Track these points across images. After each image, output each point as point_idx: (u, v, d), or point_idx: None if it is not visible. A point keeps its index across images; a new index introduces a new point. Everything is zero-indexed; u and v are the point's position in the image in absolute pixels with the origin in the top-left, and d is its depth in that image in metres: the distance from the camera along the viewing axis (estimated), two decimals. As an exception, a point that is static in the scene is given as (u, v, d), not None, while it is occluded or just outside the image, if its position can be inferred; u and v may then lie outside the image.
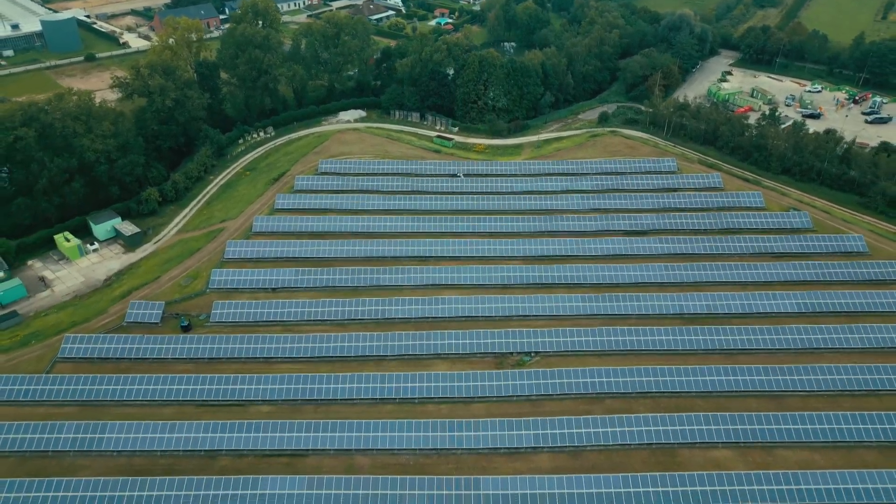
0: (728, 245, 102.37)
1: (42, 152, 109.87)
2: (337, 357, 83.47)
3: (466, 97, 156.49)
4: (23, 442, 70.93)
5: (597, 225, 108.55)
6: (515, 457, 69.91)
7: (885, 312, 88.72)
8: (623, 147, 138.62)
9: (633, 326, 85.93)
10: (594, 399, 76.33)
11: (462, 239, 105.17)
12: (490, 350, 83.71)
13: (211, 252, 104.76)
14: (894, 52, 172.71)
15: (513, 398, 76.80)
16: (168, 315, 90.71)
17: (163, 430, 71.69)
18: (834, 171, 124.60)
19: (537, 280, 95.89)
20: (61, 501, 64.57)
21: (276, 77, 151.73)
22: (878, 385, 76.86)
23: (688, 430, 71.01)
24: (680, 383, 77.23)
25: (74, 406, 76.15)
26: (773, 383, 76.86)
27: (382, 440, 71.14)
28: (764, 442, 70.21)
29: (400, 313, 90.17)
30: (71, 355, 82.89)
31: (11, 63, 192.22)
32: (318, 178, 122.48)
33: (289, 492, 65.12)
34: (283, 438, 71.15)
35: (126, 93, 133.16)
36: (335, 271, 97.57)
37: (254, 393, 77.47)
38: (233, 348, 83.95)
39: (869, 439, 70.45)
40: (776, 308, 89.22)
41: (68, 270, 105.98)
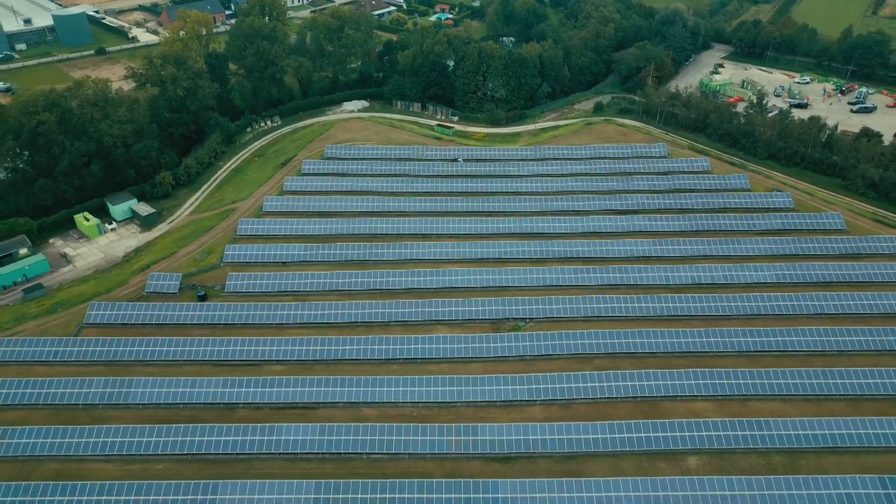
0: (713, 223, 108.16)
1: (63, 136, 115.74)
2: (344, 323, 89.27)
3: (466, 88, 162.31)
4: (55, 396, 76.77)
5: (589, 205, 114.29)
6: (510, 409, 75.70)
7: (859, 282, 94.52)
8: (616, 134, 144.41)
9: (622, 295, 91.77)
10: (584, 359, 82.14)
11: (461, 218, 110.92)
12: (487, 317, 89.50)
13: (223, 230, 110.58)
14: (880, 44, 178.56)
15: (508, 358, 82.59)
16: (185, 286, 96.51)
17: (184, 385, 77.52)
18: (817, 155, 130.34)
19: (532, 255, 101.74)
20: (93, 447, 70.39)
21: (282, 68, 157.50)
22: (849, 346, 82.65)
23: (670, 384, 76.81)
24: (663, 344, 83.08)
25: (101, 365, 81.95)
26: (750, 344, 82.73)
27: (387, 394, 76.95)
28: (739, 395, 76.00)
29: (403, 284, 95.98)
30: (96, 321, 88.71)
31: (25, 56, 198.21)
32: (324, 163, 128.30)
33: (302, 438, 70.95)
34: (296, 392, 76.96)
35: (140, 82, 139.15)
36: (342, 247, 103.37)
37: (267, 354, 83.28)
38: (247, 315, 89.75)
39: (837, 393, 76.21)
40: (756, 279, 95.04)
41: (88, 248, 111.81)
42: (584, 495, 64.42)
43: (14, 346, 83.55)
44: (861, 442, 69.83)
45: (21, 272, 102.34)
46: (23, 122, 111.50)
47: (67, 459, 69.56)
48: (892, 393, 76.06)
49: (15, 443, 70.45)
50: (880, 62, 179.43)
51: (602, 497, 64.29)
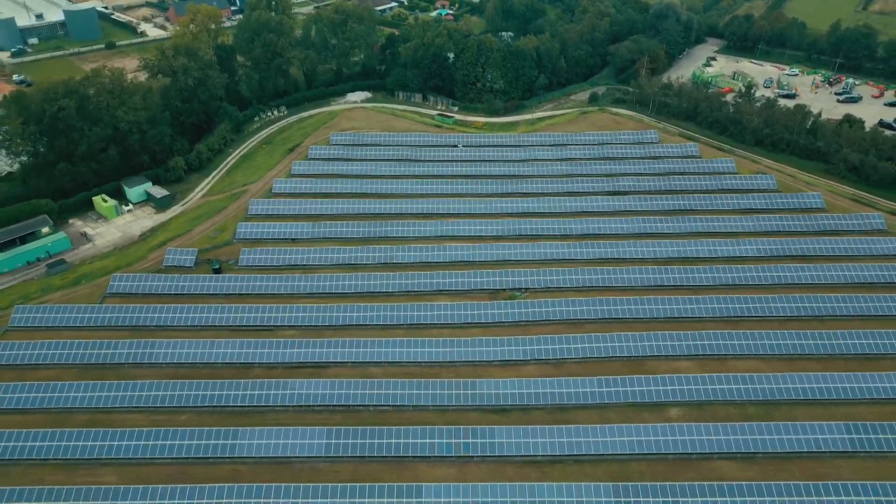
0: (699, 203, 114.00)
1: (81, 122, 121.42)
2: (351, 293, 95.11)
3: (466, 79, 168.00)
4: (83, 356, 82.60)
5: (583, 187, 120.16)
6: (506, 367, 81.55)
7: (835, 256, 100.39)
8: (610, 122, 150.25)
9: (611, 267, 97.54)
10: (575, 324, 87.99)
11: (461, 199, 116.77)
12: (485, 287, 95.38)
13: (235, 210, 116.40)
14: (866, 38, 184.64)
15: (504, 323, 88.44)
16: (200, 260, 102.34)
17: (203, 346, 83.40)
18: (802, 141, 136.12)
19: (528, 232, 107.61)
20: (121, 400, 76.28)
21: (288, 59, 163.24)
22: (823, 311, 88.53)
23: (654, 345, 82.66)
24: (650, 311, 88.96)
25: (125, 330, 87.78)
26: (731, 310, 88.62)
27: (392, 354, 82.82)
28: (719, 354, 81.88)
29: (406, 259, 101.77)
30: (118, 291, 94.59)
31: (37, 50, 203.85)
32: (330, 148, 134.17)
33: (314, 392, 76.83)
34: (307, 353, 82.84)
35: (152, 72, 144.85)
36: (347, 225, 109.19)
37: (280, 320, 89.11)
38: (259, 286, 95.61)
39: (811, 352, 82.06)
40: (739, 252, 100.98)
41: (106, 227, 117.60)
42: (573, 440, 70.27)
43: (42, 313, 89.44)
44: (831, 395, 75.66)
45: (44, 249, 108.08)
46: (44, 108, 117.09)
47: (97, 411, 75.40)
48: (861, 352, 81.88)
49: (48, 396, 76.29)
50: (867, 55, 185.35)
51: (590, 442, 70.14)
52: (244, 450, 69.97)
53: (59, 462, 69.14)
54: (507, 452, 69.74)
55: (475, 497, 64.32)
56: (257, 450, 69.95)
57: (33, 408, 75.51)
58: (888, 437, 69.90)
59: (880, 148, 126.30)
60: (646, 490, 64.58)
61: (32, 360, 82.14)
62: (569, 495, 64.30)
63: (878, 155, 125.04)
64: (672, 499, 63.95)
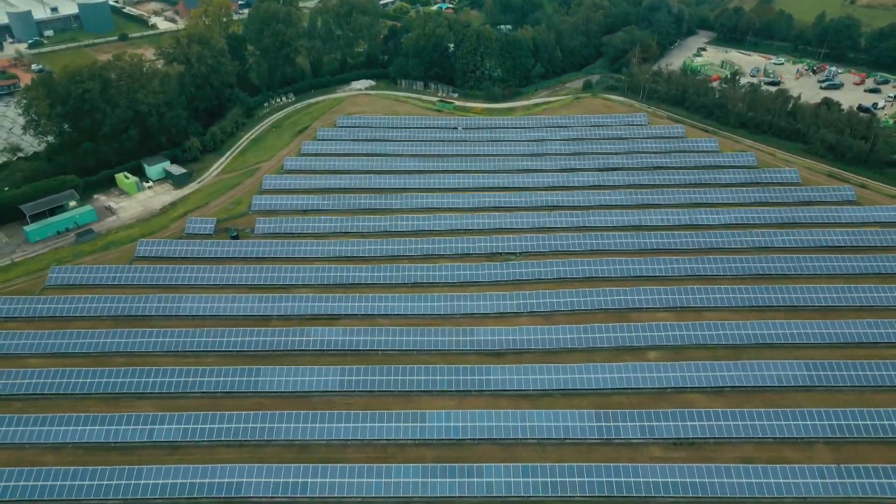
0: (682, 178, 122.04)
1: (104, 104, 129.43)
2: (359, 257, 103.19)
3: (465, 68, 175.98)
4: (116, 309, 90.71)
5: (574, 163, 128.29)
6: (501, 319, 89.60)
7: (807, 223, 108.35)
8: (602, 107, 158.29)
9: (598, 232, 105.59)
10: (565, 282, 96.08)
11: (460, 175, 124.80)
12: (483, 251, 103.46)
13: (250, 185, 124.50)
14: (850, 28, 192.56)
15: (500, 282, 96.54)
16: (219, 229, 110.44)
17: (226, 301, 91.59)
18: (783, 124, 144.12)
19: (522, 204, 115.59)
20: (153, 346, 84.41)
21: (296, 49, 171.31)
22: (793, 270, 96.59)
23: (637, 298, 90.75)
24: (634, 270, 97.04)
25: (154, 287, 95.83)
26: (708, 269, 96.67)
27: (398, 308, 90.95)
28: (695, 307, 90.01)
29: (409, 227, 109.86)
30: (145, 255, 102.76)
31: (52, 42, 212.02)
32: (337, 130, 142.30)
33: (328, 338, 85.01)
34: (321, 306, 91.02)
35: (168, 60, 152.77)
36: (354, 198, 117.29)
37: (294, 279, 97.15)
38: (275, 250, 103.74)
39: (779, 305, 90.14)
40: (716, 221, 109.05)
41: (129, 202, 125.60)
42: (560, 377, 78.38)
43: (77, 273, 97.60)
44: (794, 339, 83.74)
45: (72, 220, 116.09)
46: (70, 90, 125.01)
47: (132, 354, 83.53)
48: (825, 304, 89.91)
49: (87, 342, 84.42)
50: (850, 45, 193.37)
51: (576, 378, 78.23)
52: (266, 385, 78.12)
53: (101, 396, 77.27)
54: (501, 388, 77.87)
55: (472, 422, 72.43)
56: (278, 385, 78.10)
57: (74, 352, 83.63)
58: (843, 373, 77.96)
59: (855, 128, 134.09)
60: (624, 416, 72.66)
61: (70, 313, 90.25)
62: (556, 420, 72.40)
63: (853, 134, 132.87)
64: (647, 423, 72.04)
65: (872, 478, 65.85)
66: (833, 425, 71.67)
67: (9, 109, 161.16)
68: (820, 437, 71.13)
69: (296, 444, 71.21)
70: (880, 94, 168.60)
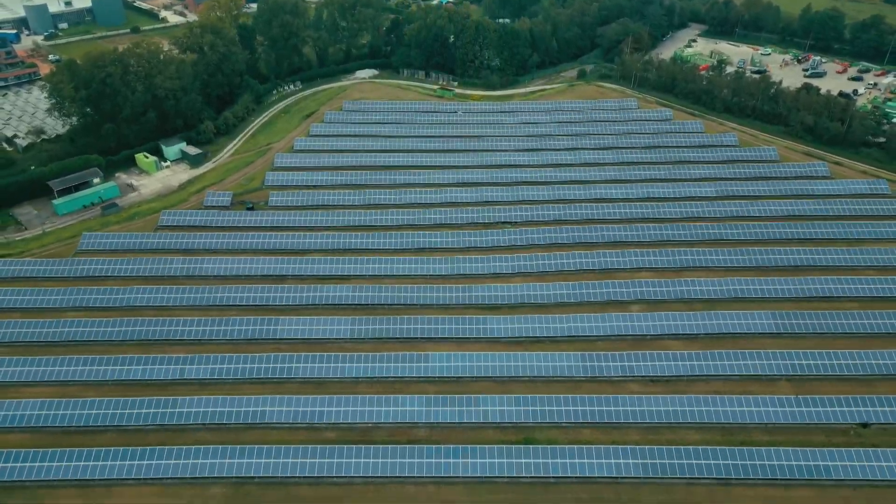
0: (668, 155, 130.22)
1: (124, 88, 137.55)
2: (364, 226, 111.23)
3: (465, 57, 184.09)
4: (143, 270, 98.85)
5: (568, 143, 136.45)
6: (497, 278, 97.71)
7: (782, 196, 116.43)
8: (595, 93, 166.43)
9: (588, 204, 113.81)
10: (555, 246, 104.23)
11: (459, 153, 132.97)
12: (479, 221, 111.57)
13: (262, 164, 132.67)
14: (834, 20, 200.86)
15: (496, 247, 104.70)
16: (235, 202, 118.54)
17: (244, 262, 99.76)
18: (766, 108, 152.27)
19: (516, 180, 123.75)
20: (179, 300, 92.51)
21: (303, 39, 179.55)
22: (765, 236, 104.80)
23: (622, 260, 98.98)
24: (618, 236, 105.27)
25: (177, 252, 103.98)
26: (688, 235, 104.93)
27: (402, 269, 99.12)
28: (675, 267, 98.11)
29: (412, 200, 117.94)
30: (168, 224, 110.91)
31: (66, 34, 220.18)
32: (343, 114, 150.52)
33: (340, 294, 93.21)
34: (332, 268, 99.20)
35: (182, 48, 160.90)
36: (360, 174, 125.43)
37: (306, 245, 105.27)
38: (288, 220, 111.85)
39: (751, 265, 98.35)
40: (699, 193, 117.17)
41: (149, 180, 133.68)
42: (550, 325, 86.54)
43: (106, 239, 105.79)
44: (763, 294, 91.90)
45: (97, 195, 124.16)
46: (93, 75, 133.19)
47: (161, 308, 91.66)
48: (793, 265, 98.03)
49: (118, 297, 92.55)
50: (834, 36, 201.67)
51: (564, 327, 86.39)
52: (284, 334, 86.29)
53: (135, 342, 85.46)
54: (497, 335, 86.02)
55: (471, 362, 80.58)
56: (295, 333, 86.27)
57: (107, 306, 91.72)
58: (806, 322, 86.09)
59: (832, 111, 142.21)
60: (606, 357, 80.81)
61: (101, 273, 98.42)
62: (546, 361, 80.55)
63: (830, 117, 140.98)
64: (628, 363, 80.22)
65: (827, 406, 73.93)
66: (795, 364, 79.78)
67: (31, 96, 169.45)
68: (783, 374, 79.24)
69: (312, 381, 79.37)
70: (862, 82, 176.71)
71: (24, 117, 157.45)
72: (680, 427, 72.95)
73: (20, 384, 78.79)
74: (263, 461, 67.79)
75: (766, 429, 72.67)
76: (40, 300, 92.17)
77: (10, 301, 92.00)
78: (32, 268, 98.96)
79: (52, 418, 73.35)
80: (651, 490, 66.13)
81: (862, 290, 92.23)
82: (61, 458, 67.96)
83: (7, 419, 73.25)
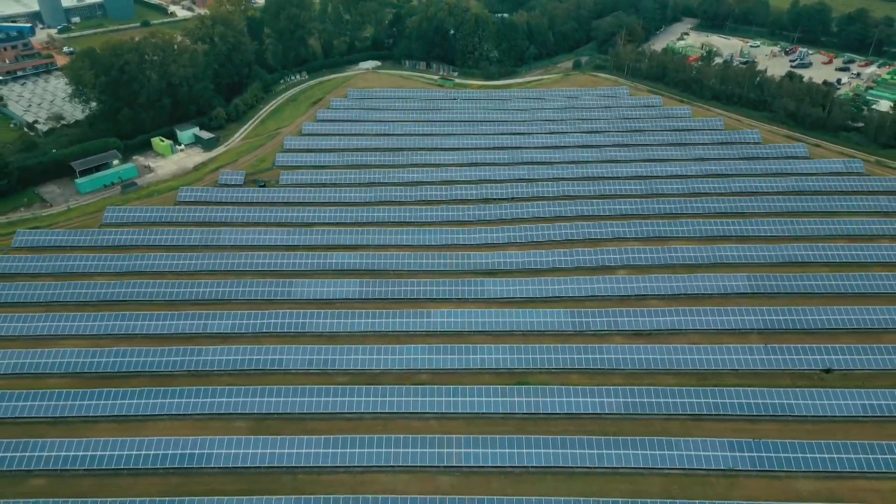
0: (657, 138, 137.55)
1: (141, 75, 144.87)
2: (371, 202, 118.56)
3: (464, 49, 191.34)
4: (165, 240, 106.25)
5: (563, 127, 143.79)
6: (493, 247, 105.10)
7: (763, 174, 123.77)
8: (589, 82, 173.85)
9: (580, 181, 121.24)
10: (548, 219, 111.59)
11: (458, 136, 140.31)
12: (475, 198, 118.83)
13: (272, 146, 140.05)
14: (821, 13, 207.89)
15: (493, 221, 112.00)
16: (248, 180, 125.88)
17: (258, 233, 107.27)
18: (751, 95, 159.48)
19: (512, 160, 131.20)
20: (199, 266, 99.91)
21: (309, 31, 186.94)
22: (746, 209, 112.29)
23: (610, 230, 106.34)
24: (607, 210, 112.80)
25: (196, 224, 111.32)
26: (671, 209, 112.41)
27: (405, 240, 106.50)
28: (660, 237, 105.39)
29: (414, 178, 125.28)
30: (186, 200, 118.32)
31: (79, 28, 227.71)
32: (348, 101, 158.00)
33: (347, 261, 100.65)
34: (339, 238, 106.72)
35: (193, 39, 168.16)
36: (365, 155, 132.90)
37: (317, 218, 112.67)
38: (298, 196, 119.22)
39: (730, 234, 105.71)
40: (683, 172, 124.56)
41: (164, 162, 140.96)
42: (542, 287, 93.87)
43: (128, 212, 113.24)
44: (741, 260, 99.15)
45: (117, 175, 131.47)
46: (112, 62, 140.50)
47: (182, 273, 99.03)
48: (770, 235, 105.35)
49: (144, 263, 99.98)
50: (821, 29, 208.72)
51: (554, 288, 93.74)
52: (297, 294, 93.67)
53: (160, 301, 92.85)
54: (493, 296, 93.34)
55: (469, 318, 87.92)
56: (307, 294, 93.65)
57: (133, 271, 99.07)
58: (779, 283, 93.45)
59: (814, 97, 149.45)
60: (593, 314, 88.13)
61: (126, 243, 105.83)
62: (538, 317, 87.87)
63: (811, 103, 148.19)
64: (613, 318, 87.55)
65: (794, 355, 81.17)
66: (766, 320, 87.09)
67: (48, 85, 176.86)
68: (754, 329, 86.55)
69: (324, 334, 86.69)
70: (847, 73, 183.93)
71: (43, 104, 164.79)
72: (658, 373, 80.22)
73: (57, 337, 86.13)
74: (282, 400, 75.12)
75: (737, 374, 79.94)
76: (70, 266, 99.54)
77: (43, 267, 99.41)
78: (61, 238, 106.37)
79: (88, 365, 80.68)
80: (631, 425, 73.37)
81: (832, 257, 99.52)
82: (99, 397, 75.26)
83: (47, 365, 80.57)
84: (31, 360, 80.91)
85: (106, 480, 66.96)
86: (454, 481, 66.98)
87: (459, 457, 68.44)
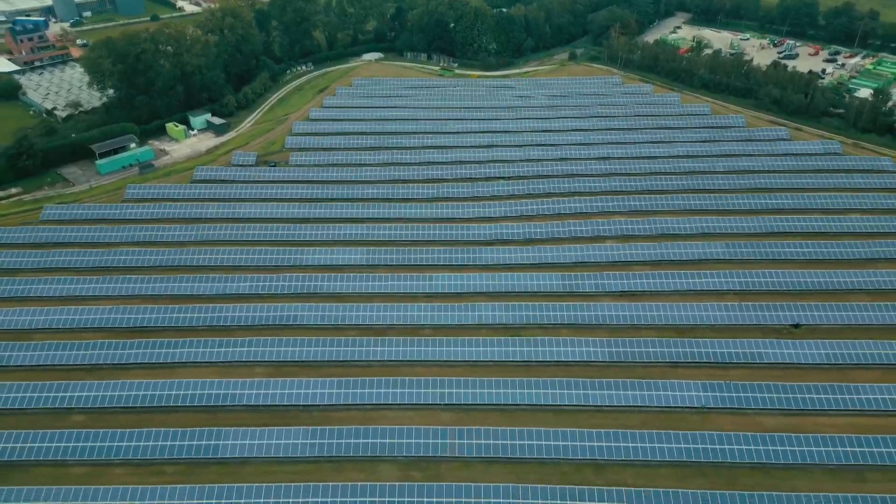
0: (646, 121, 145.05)
1: (156, 63, 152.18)
2: (377, 181, 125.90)
3: (464, 41, 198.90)
4: (183, 214, 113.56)
5: (555, 113, 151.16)
6: (491, 220, 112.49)
7: (748, 154, 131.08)
8: (584, 72, 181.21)
9: (573, 161, 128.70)
10: (540, 196, 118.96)
11: (459, 121, 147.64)
12: (479, 176, 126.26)
13: (281, 131, 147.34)
14: (808, 7, 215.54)
15: (487, 197, 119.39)
16: (259, 161, 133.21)
17: (271, 208, 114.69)
18: (738, 84, 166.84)
19: (508, 142, 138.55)
20: (218, 236, 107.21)
21: (314, 23, 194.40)
22: (727, 186, 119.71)
23: (599, 205, 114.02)
24: (598, 187, 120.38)
25: (212, 200, 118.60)
26: (657, 186, 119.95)
27: (409, 214, 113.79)
28: (646, 210, 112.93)
29: (416, 159, 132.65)
30: (202, 178, 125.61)
31: (90, 22, 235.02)
32: (353, 88, 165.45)
33: (356, 232, 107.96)
34: (349, 212, 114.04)
35: (204, 31, 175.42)
36: (370, 138, 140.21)
37: (325, 195, 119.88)
38: (306, 175, 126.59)
39: (711, 208, 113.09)
40: (668, 153, 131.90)
41: (178, 146, 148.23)
42: (536, 255, 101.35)
43: (148, 190, 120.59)
44: (719, 230, 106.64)
45: (135, 157, 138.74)
46: (129, 50, 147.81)
47: (201, 242, 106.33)
48: (749, 209, 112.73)
49: (163, 234, 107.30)
50: (809, 22, 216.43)
51: (547, 256, 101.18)
52: (309, 261, 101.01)
53: (185, 266, 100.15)
54: (491, 262, 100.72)
55: (468, 282, 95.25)
56: (318, 261, 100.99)
57: (154, 241, 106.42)
58: (755, 250, 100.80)
59: (797, 84, 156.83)
60: (582, 276, 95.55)
61: (148, 216, 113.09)
62: (532, 280, 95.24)
63: (794, 90, 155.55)
64: (600, 281, 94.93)
65: (766, 311, 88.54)
66: (742, 281, 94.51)
67: (65, 74, 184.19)
68: (731, 290, 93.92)
69: (335, 295, 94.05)
70: (832, 63, 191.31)
71: (60, 93, 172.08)
72: (641, 328, 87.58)
73: (87, 297, 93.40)
74: (298, 349, 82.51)
75: (713, 328, 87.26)
76: (96, 236, 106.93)
77: (70, 236, 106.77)
78: (86, 211, 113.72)
79: (119, 321, 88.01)
80: (615, 370, 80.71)
81: (807, 227, 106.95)
82: (130, 346, 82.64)
83: (81, 321, 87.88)
84: (66, 317, 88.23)
85: (142, 416, 74.36)
86: (454, 417, 74.39)
87: (459, 396, 75.87)
